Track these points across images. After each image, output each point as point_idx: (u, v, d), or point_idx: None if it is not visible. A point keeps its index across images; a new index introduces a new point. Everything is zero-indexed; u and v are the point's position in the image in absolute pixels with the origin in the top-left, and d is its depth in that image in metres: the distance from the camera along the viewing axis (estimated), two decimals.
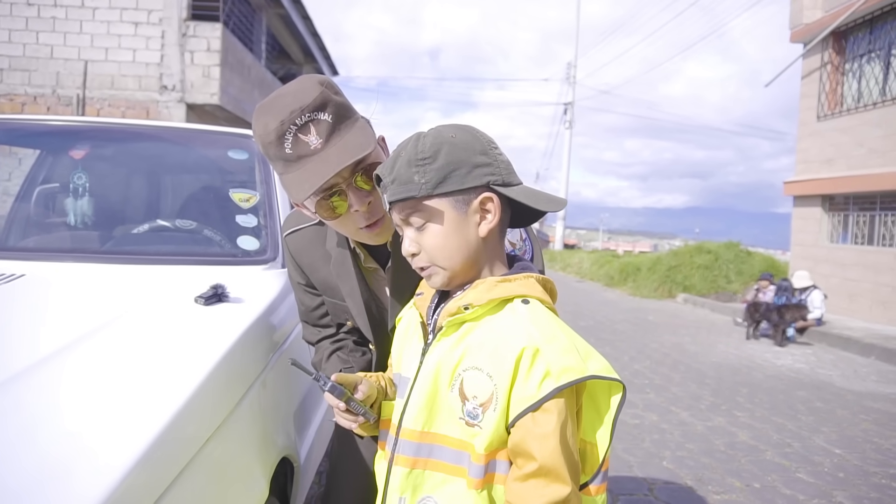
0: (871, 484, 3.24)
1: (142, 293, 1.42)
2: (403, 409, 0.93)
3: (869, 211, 9.85)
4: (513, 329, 0.86)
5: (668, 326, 9.05)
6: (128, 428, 0.85)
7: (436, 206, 0.89)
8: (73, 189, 1.97)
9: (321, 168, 1.05)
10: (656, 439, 3.78)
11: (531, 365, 0.83)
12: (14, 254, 1.66)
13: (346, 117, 1.10)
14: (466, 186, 0.89)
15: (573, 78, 27.01)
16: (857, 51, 10.31)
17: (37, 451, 0.79)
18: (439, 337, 0.92)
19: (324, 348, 1.41)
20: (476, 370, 0.86)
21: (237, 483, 1.08)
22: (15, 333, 1.14)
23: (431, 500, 0.89)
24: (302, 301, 1.42)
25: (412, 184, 0.88)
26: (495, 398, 0.84)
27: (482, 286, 0.91)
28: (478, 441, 0.86)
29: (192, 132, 2.20)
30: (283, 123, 1.04)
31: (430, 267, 0.93)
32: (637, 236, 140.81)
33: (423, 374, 0.92)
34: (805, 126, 11.15)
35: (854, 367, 6.61)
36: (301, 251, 1.36)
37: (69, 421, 0.85)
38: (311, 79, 1.11)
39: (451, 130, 0.91)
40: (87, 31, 9.21)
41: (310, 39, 14.63)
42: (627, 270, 15.26)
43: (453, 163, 0.88)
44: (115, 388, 0.95)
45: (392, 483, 0.92)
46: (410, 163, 0.89)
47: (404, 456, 0.91)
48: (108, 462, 0.77)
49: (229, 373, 1.13)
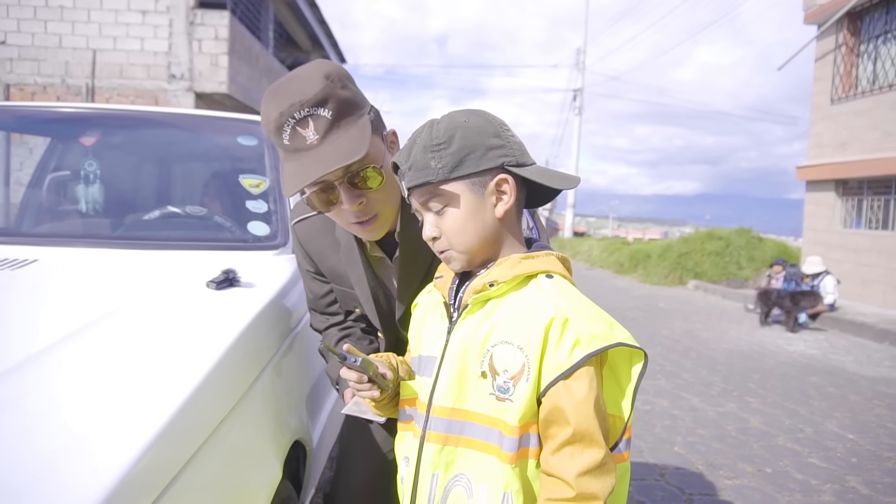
0: (885, 469, 3.22)
1: (154, 278, 1.43)
2: (433, 387, 0.94)
3: (884, 195, 9.71)
4: (540, 302, 0.89)
5: (679, 313, 9.01)
6: (142, 410, 0.85)
7: (453, 189, 0.91)
8: (84, 176, 1.98)
9: (312, 166, 1.05)
10: (668, 425, 3.77)
11: (561, 334, 0.85)
12: (26, 239, 1.67)
13: (349, 114, 1.09)
14: (482, 169, 0.91)
15: (582, 64, 26.75)
16: (873, 32, 10.11)
17: (55, 430, 0.79)
18: (464, 315, 0.94)
19: (331, 335, 1.42)
20: (505, 344, 0.88)
21: (250, 465, 1.08)
22: (29, 317, 1.15)
23: (464, 477, 0.91)
24: (310, 289, 1.43)
25: (429, 169, 0.90)
26: (527, 369, 0.87)
27: (506, 263, 0.93)
28: (509, 415, 0.87)
29: (201, 118, 2.19)
30: (283, 115, 1.05)
31: (448, 251, 0.94)
32: (647, 223, 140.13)
33: (450, 352, 0.94)
34: (818, 110, 10.99)
35: (867, 353, 6.56)
36: (310, 239, 1.37)
37: (85, 403, 0.86)
38: (321, 69, 1.10)
39: (463, 115, 0.93)
40: (94, 21, 9.22)
41: (317, 27, 14.57)
42: (638, 257, 15.19)
43: (468, 146, 0.90)
44: (130, 371, 0.96)
45: (424, 460, 0.93)
46: (426, 149, 0.91)
47: (436, 433, 0.92)
48: (124, 442, 0.78)
49: (242, 356, 1.13)
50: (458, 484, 0.91)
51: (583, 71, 26.78)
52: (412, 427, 0.99)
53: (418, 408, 0.97)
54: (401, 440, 1.03)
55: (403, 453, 1.01)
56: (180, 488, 0.83)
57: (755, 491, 2.86)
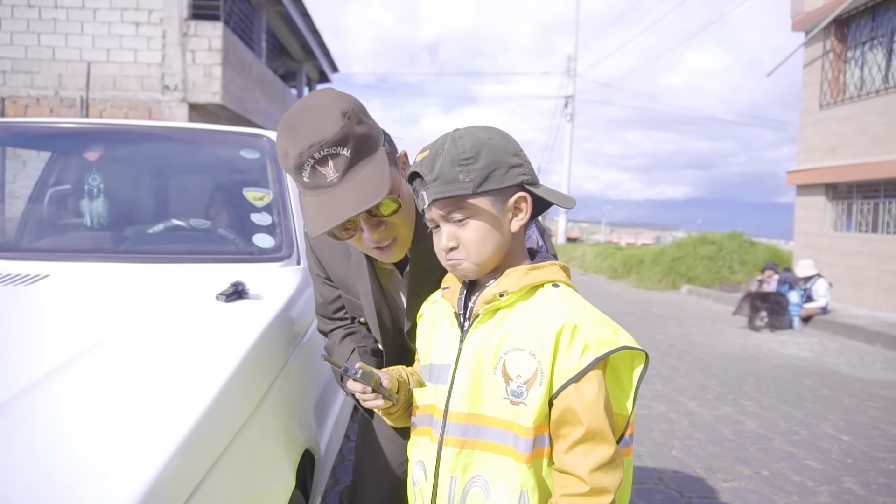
0: (880, 469, 3.27)
1: (164, 291, 1.46)
2: (449, 394, 0.98)
3: (873, 199, 9.83)
4: (549, 310, 0.94)
5: (673, 318, 9.07)
6: (163, 422, 0.88)
7: (478, 203, 0.95)
8: (89, 190, 2.00)
9: (336, 204, 1.07)
10: (665, 429, 3.81)
11: (571, 339, 0.91)
12: (35, 254, 1.69)
13: (367, 150, 1.11)
14: (504, 186, 0.96)
15: (573, 71, 26.93)
16: (860, 38, 10.27)
17: (82, 441, 0.82)
18: (476, 324, 0.98)
19: (337, 334, 1.44)
20: (518, 351, 0.94)
21: (266, 475, 1.11)
22: (47, 332, 1.17)
23: (481, 479, 0.95)
24: (320, 293, 1.45)
25: (457, 182, 0.93)
26: (540, 373, 0.92)
27: (514, 274, 0.98)
28: (523, 417, 0.92)
29: (204, 132, 2.22)
30: (302, 156, 1.07)
31: (463, 261, 0.98)
32: (639, 228, 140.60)
33: (464, 360, 0.98)
34: (807, 115, 11.13)
35: (860, 355, 6.63)
36: (321, 246, 1.39)
37: (108, 416, 0.88)
38: (337, 105, 1.10)
39: (486, 132, 0.97)
40: (88, 33, 9.23)
41: (309, 36, 14.62)
42: (631, 262, 15.27)
43: (493, 163, 0.95)
44: (149, 383, 0.98)
45: (443, 463, 0.97)
46: (454, 162, 0.94)
47: (453, 437, 0.97)
48: (148, 453, 0.80)
49: (255, 368, 1.16)
50: (475, 485, 0.95)
51: (574, 78, 26.97)
52: (428, 433, 1.02)
53: (434, 414, 1.01)
54: (415, 445, 1.06)
55: (418, 457, 1.05)
56: (201, 499, 0.85)
57: (753, 493, 2.89)
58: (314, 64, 16.95)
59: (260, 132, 2.12)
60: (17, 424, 0.84)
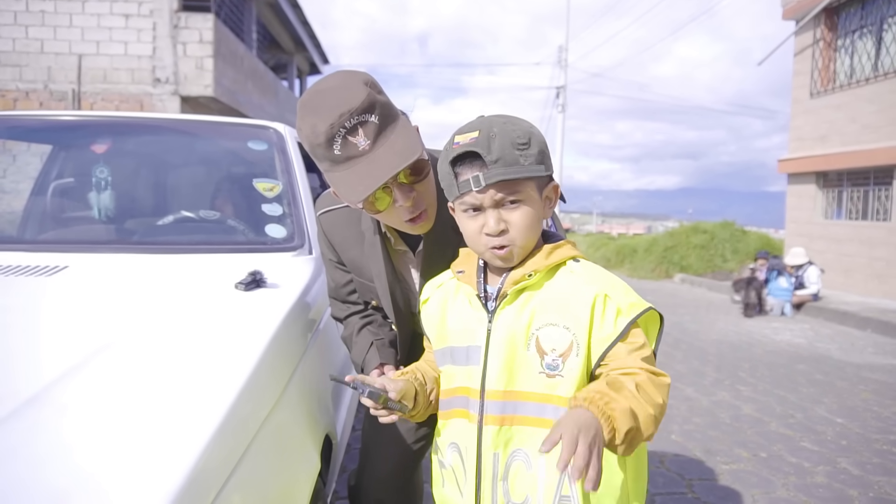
0: (874, 450, 3.35)
1: (184, 281, 1.47)
2: (483, 374, 1.01)
3: (862, 186, 9.94)
4: (578, 284, 0.99)
5: (667, 306, 9.15)
6: (198, 409, 0.90)
7: (528, 188, 0.98)
8: (97, 182, 2.01)
9: (371, 170, 1.09)
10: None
11: (604, 308, 0.97)
12: (50, 246, 1.70)
13: (391, 117, 1.13)
14: (548, 174, 1.00)
15: (565, 62, 26.90)
16: (849, 27, 10.34)
17: (118, 430, 0.84)
18: (503, 305, 1.01)
19: (353, 323, 1.46)
20: (551, 326, 0.98)
21: (294, 459, 1.14)
22: (75, 322, 1.18)
23: (522, 452, 0.98)
24: (332, 277, 1.47)
25: (519, 165, 0.94)
26: (576, 345, 0.96)
27: (539, 255, 1.02)
28: (562, 388, 0.96)
29: (211, 124, 2.23)
30: (333, 126, 1.07)
31: (510, 246, 0.99)
32: (630, 218, 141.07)
33: (495, 339, 1.00)
34: (798, 103, 11.20)
35: (851, 340, 6.73)
36: (334, 230, 1.41)
37: (143, 405, 0.90)
38: (356, 78, 1.13)
39: (526, 122, 1.00)
40: (77, 25, 9.13)
41: (300, 28, 14.52)
42: (624, 252, 15.37)
43: (543, 152, 0.99)
44: (181, 372, 1.00)
45: (485, 441, 1.00)
46: (513, 145, 0.94)
47: (492, 415, 0.99)
48: (183, 439, 0.82)
49: (279, 354, 1.18)
50: (517, 459, 0.99)
51: (565, 68, 26.95)
52: (465, 414, 1.04)
53: (470, 395, 1.03)
54: (446, 427, 1.08)
55: (451, 439, 1.06)
56: (235, 484, 0.87)
57: (752, 475, 2.96)
58: (305, 55, 16.84)
59: (267, 123, 2.13)
60: (60, 410, 0.86)
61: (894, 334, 6.92)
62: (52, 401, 0.87)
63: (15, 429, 0.80)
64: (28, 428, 0.81)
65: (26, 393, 0.88)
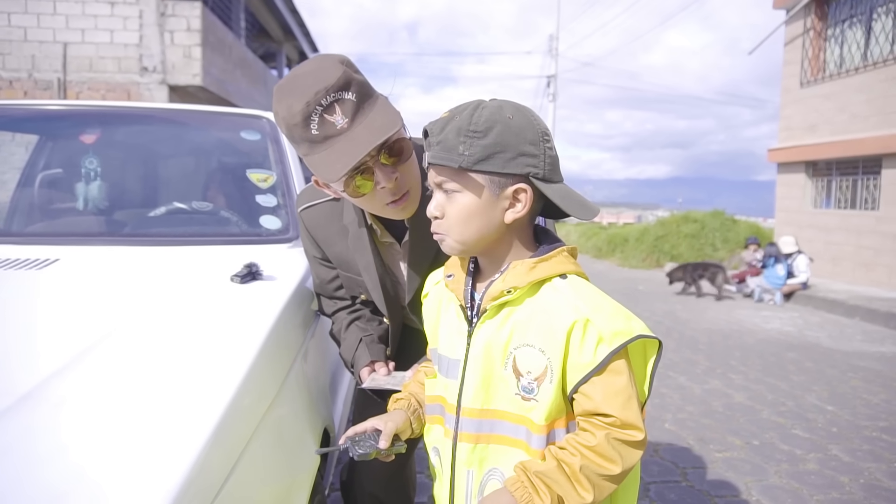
0: (863, 437, 3.39)
1: (178, 274, 1.45)
2: (460, 390, 0.97)
3: (851, 175, 10.01)
4: (559, 305, 0.90)
5: (658, 295, 9.21)
6: (197, 404, 0.88)
7: (472, 180, 0.89)
8: (86, 174, 1.97)
9: (350, 148, 1.07)
10: (657, 403, 3.89)
11: (583, 335, 0.87)
12: (39, 238, 1.66)
13: (368, 95, 1.12)
14: (506, 171, 0.89)
15: (555, 51, 26.80)
16: (839, 16, 10.36)
17: (117, 427, 0.82)
18: (483, 319, 0.95)
19: (341, 319, 1.45)
20: (527, 347, 0.91)
21: (294, 453, 1.12)
22: (68, 316, 1.16)
23: (497, 471, 0.95)
24: (317, 274, 1.45)
25: (454, 152, 0.87)
26: (550, 371, 0.89)
27: (520, 268, 0.92)
28: (535, 414, 0.90)
29: (202, 114, 2.19)
30: (309, 105, 1.06)
31: (445, 236, 0.94)
32: (621, 208, 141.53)
33: (473, 355, 0.95)
34: (788, 93, 11.24)
35: (840, 328, 6.81)
36: (317, 226, 1.39)
37: (144, 399, 0.88)
38: (331, 58, 1.12)
39: (510, 110, 0.90)
40: (61, 12, 8.96)
41: (289, 16, 14.35)
42: (615, 241, 15.41)
43: (500, 144, 0.88)
44: (178, 366, 0.98)
45: (459, 458, 0.97)
46: (461, 131, 0.88)
47: (467, 433, 0.96)
48: (183, 436, 0.80)
49: (277, 347, 1.17)
50: (492, 478, 0.95)
51: (556, 58, 26.86)
52: (441, 422, 1.02)
53: (446, 408, 1.00)
54: (429, 432, 1.06)
55: (433, 444, 1.04)
56: (237, 480, 0.86)
57: (745, 462, 2.99)
58: (294, 44, 16.66)
59: (260, 113, 2.10)
60: (50, 411, 0.84)
61: (882, 322, 7.01)
62: (48, 398, 0.85)
63: (10, 427, 0.78)
64: (24, 426, 0.79)
65: (22, 389, 0.86)
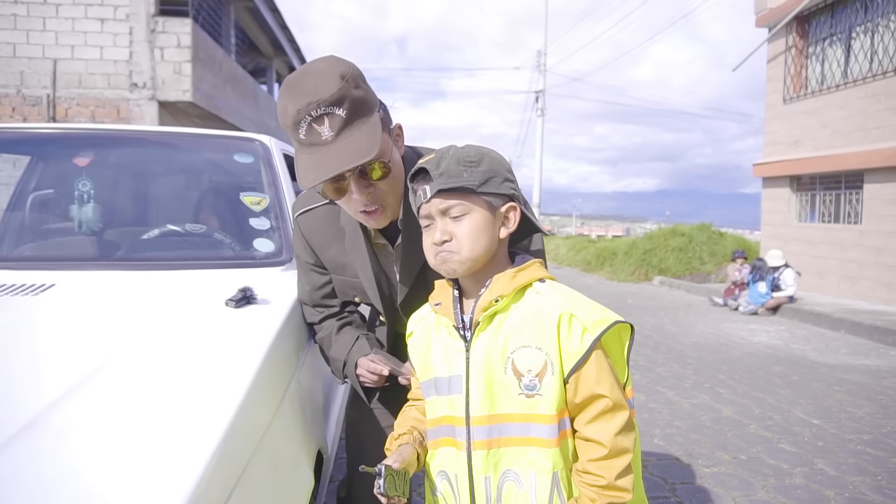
0: (848, 451, 3.43)
1: (173, 298, 1.47)
2: (467, 401, 1.04)
3: (834, 190, 10.18)
4: (544, 304, 1.03)
5: (647, 309, 9.27)
6: (196, 430, 0.90)
7: (476, 202, 1.03)
8: (80, 196, 1.98)
9: (327, 162, 1.14)
10: (645, 418, 3.92)
11: (569, 326, 1.00)
12: (33, 264, 1.67)
13: (361, 113, 1.17)
14: (500, 192, 1.05)
15: (543, 66, 27.11)
16: (820, 34, 10.60)
17: (118, 454, 0.84)
18: (478, 332, 1.04)
19: (330, 325, 1.48)
20: (524, 348, 1.01)
21: (289, 476, 1.14)
22: (66, 343, 1.17)
23: (512, 472, 1.02)
24: (308, 280, 1.48)
25: (461, 178, 1.01)
26: (550, 364, 1.00)
27: (503, 279, 1.05)
28: (543, 407, 1.00)
29: (196, 137, 2.21)
30: (300, 112, 1.13)
31: (455, 254, 1.03)
32: (609, 221, 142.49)
33: (474, 366, 1.03)
34: (772, 109, 11.45)
35: (825, 342, 6.89)
36: (313, 231, 1.43)
37: (143, 424, 0.90)
38: (337, 68, 1.16)
39: (485, 148, 1.08)
40: (50, 29, 8.97)
41: (279, 32, 14.44)
42: (604, 255, 15.51)
43: (493, 170, 1.05)
44: (176, 392, 1.00)
45: (475, 466, 1.03)
46: (459, 162, 1.02)
47: (480, 440, 1.02)
48: (183, 461, 0.82)
49: (272, 372, 1.19)
50: (507, 479, 1.02)
51: (544, 73, 27.15)
52: (451, 442, 1.07)
53: (455, 423, 1.05)
54: (434, 457, 1.10)
55: (440, 468, 1.09)
56: (236, 502, 0.88)
57: (732, 477, 3.02)
58: (284, 59, 16.74)
59: (253, 136, 2.13)
60: (54, 437, 0.86)
61: (866, 335, 7.10)
62: (51, 426, 0.87)
63: (17, 454, 0.79)
64: (28, 454, 0.80)
65: (25, 417, 0.87)
